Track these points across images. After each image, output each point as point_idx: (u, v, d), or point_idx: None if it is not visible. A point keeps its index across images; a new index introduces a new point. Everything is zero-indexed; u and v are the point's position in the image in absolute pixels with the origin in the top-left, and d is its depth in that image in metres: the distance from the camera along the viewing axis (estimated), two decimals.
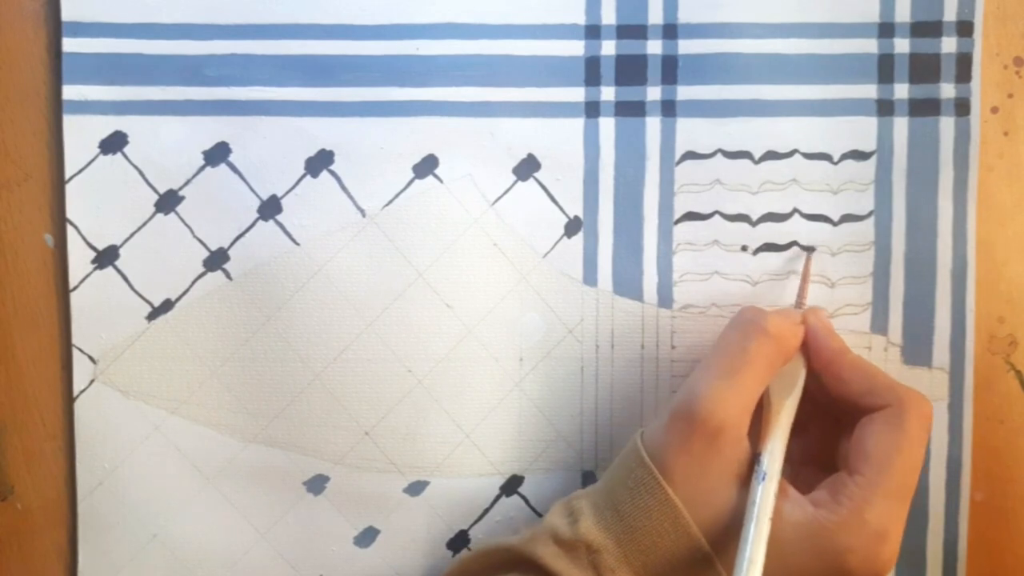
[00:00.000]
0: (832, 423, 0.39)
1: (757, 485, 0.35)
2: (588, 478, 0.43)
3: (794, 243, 0.42)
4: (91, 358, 0.42)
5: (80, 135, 0.41)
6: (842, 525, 0.34)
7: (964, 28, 0.42)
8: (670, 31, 0.42)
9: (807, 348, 0.38)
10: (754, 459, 0.36)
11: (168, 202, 0.42)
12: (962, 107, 0.42)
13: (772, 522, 0.34)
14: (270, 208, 0.42)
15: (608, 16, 0.41)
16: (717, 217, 0.42)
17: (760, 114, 0.42)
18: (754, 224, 0.42)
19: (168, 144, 0.41)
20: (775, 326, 0.37)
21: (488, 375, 0.42)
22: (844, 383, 0.37)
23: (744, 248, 0.42)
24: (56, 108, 0.41)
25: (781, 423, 0.37)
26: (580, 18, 0.42)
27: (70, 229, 0.41)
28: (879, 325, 0.43)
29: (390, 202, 0.42)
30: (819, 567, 0.34)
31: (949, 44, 0.42)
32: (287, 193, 0.42)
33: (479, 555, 0.38)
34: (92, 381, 0.42)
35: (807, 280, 0.41)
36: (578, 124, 0.42)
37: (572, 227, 0.42)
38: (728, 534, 0.35)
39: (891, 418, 0.36)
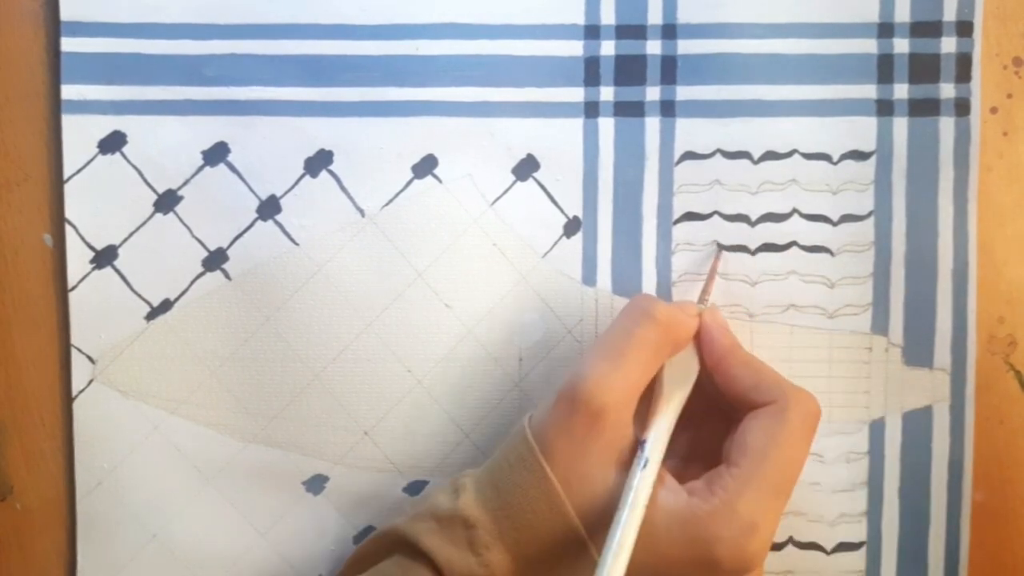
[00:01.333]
0: (723, 420, 0.39)
1: (637, 470, 0.35)
2: None
3: (794, 243, 0.42)
4: (90, 358, 0.42)
5: (79, 135, 0.41)
6: (713, 515, 0.34)
7: (964, 28, 0.42)
8: (669, 31, 0.41)
9: (700, 344, 0.38)
10: (637, 445, 0.36)
11: (167, 202, 0.42)
12: (962, 107, 0.42)
13: (646, 508, 0.34)
14: (269, 208, 0.42)
15: (607, 16, 0.41)
16: (716, 217, 0.42)
17: (760, 114, 0.42)
18: (753, 224, 0.42)
19: (167, 144, 0.41)
20: (663, 313, 0.37)
21: (488, 375, 0.42)
22: (733, 380, 0.38)
23: (743, 248, 0.42)
24: (55, 108, 0.41)
25: (668, 411, 0.37)
26: (580, 18, 0.42)
27: (69, 229, 0.41)
28: (880, 326, 0.42)
29: (389, 202, 0.42)
30: (688, 556, 0.34)
31: (949, 44, 0.42)
32: (286, 193, 0.42)
33: (371, 540, 0.38)
34: (91, 381, 0.42)
35: (713, 276, 0.41)
36: (577, 124, 0.42)
37: (571, 227, 0.42)
38: (604, 518, 0.35)
39: (774, 413, 0.36)
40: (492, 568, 0.35)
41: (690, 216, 0.42)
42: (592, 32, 0.41)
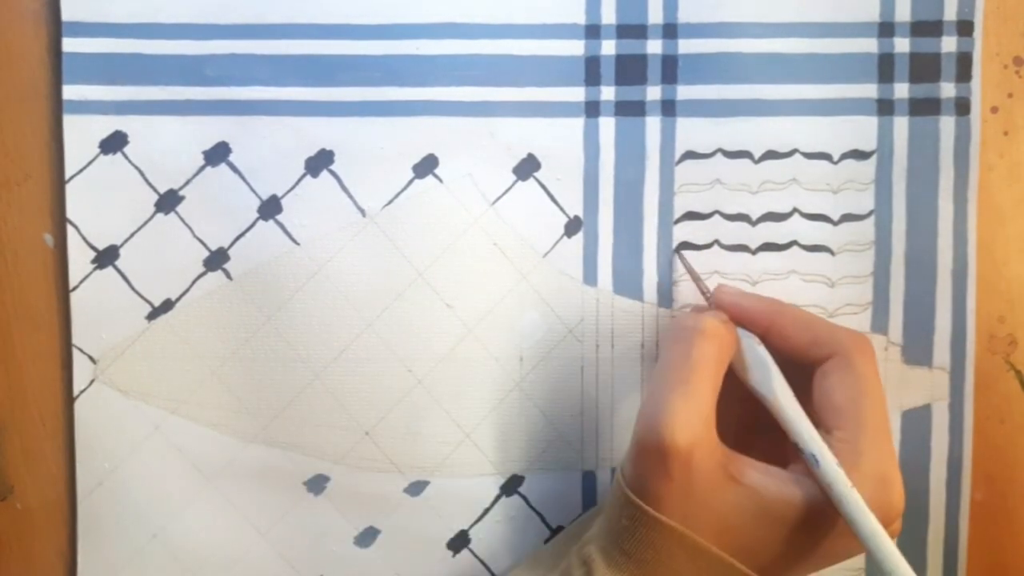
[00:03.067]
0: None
1: (816, 469, 0.34)
2: (588, 478, 0.43)
3: (794, 243, 0.42)
4: (91, 358, 0.42)
5: (80, 135, 0.41)
6: None
7: (964, 27, 0.42)
8: (670, 31, 0.42)
9: (739, 321, 0.38)
10: (795, 452, 0.35)
11: (168, 202, 0.42)
12: (962, 107, 0.42)
13: (776, 506, 0.34)
14: (270, 208, 0.42)
15: (608, 16, 0.41)
16: (717, 217, 0.42)
17: (760, 114, 0.42)
18: (754, 224, 0.42)
19: (168, 144, 0.41)
20: (711, 325, 0.36)
21: (488, 375, 0.42)
22: (788, 340, 0.37)
23: (744, 248, 0.42)
24: (56, 108, 0.41)
25: (788, 408, 0.36)
26: (580, 18, 0.42)
27: (70, 229, 0.41)
28: (879, 325, 0.43)
29: (390, 202, 0.42)
30: (832, 529, 0.34)
31: (949, 44, 0.42)
32: (287, 193, 0.42)
33: None
34: (92, 381, 0.42)
35: (697, 276, 0.41)
36: (578, 124, 0.42)
37: (572, 227, 0.42)
38: (740, 534, 0.35)
39: (844, 366, 0.36)
40: None
41: (691, 216, 0.42)
42: (593, 32, 0.42)
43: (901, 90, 0.42)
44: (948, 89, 0.42)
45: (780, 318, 0.38)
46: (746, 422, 0.38)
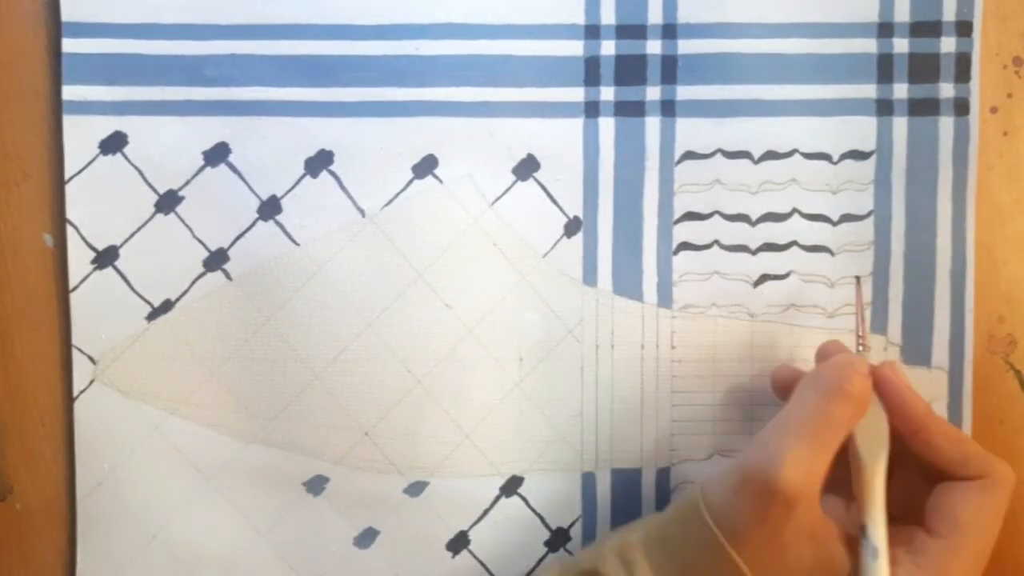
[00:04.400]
0: (902, 469, 0.37)
1: (869, 563, 0.34)
2: (588, 479, 0.43)
3: (794, 243, 0.42)
4: (91, 358, 0.42)
5: (80, 135, 0.41)
6: None
7: (963, 28, 0.42)
8: (670, 31, 0.42)
9: (890, 408, 0.37)
10: (859, 530, 0.35)
11: (168, 202, 0.42)
12: (961, 107, 0.42)
13: None
14: (270, 208, 0.42)
15: (608, 16, 0.41)
16: (717, 217, 0.42)
17: (760, 114, 0.42)
18: (754, 224, 0.42)
19: (168, 144, 0.41)
20: (859, 389, 0.35)
21: (488, 375, 0.42)
22: (935, 450, 0.36)
23: (744, 248, 0.42)
24: (56, 108, 0.41)
25: (877, 489, 0.35)
26: (580, 18, 0.42)
27: (70, 229, 0.41)
28: (878, 324, 0.43)
29: (390, 202, 0.42)
30: None
31: (948, 44, 0.42)
32: (287, 193, 0.42)
33: None
34: (92, 381, 0.42)
35: (863, 314, 0.40)
36: (578, 124, 0.42)
37: (572, 227, 0.42)
38: None
39: (984, 490, 0.36)
40: None
41: (690, 216, 0.42)
42: (592, 32, 0.42)
43: (900, 90, 0.42)
44: (947, 89, 0.42)
45: (934, 424, 0.37)
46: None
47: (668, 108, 0.42)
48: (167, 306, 0.42)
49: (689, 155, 0.42)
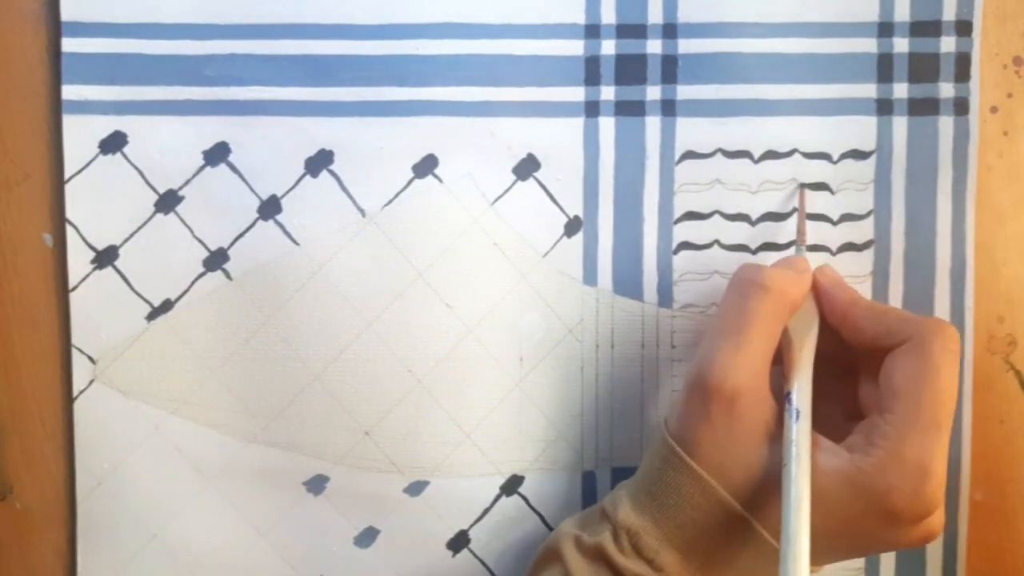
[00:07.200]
0: (845, 371, 0.38)
1: (792, 424, 0.34)
2: (588, 478, 0.43)
3: (793, 243, 0.42)
4: (91, 358, 0.42)
5: (80, 135, 0.41)
6: (880, 467, 0.34)
7: (963, 27, 0.42)
8: (670, 31, 0.42)
9: (822, 305, 0.38)
10: (784, 399, 0.35)
11: (168, 202, 0.42)
12: (961, 107, 0.42)
13: (812, 474, 0.34)
14: (270, 208, 0.42)
15: (608, 16, 0.41)
16: (717, 216, 0.42)
17: (760, 114, 0.42)
18: (754, 224, 0.42)
19: (168, 144, 0.41)
20: (772, 280, 0.36)
21: (488, 375, 0.42)
22: (861, 331, 0.37)
23: (744, 247, 0.42)
24: (56, 108, 0.41)
25: (803, 360, 0.36)
26: (580, 18, 0.42)
27: (69, 229, 0.41)
28: None
29: (390, 202, 0.42)
30: (865, 511, 0.34)
31: (948, 44, 0.42)
32: (287, 193, 0.42)
33: (539, 562, 0.38)
34: (92, 381, 0.42)
35: (803, 215, 0.41)
36: (578, 124, 0.42)
37: (572, 227, 0.42)
38: (767, 493, 0.35)
39: (914, 349, 0.35)
40: (666, 570, 0.35)
41: (691, 215, 0.42)
42: (592, 31, 0.42)
43: (900, 90, 0.42)
44: (947, 89, 0.42)
45: (857, 309, 0.37)
46: (851, 410, 0.38)
47: (668, 108, 0.42)
48: (167, 306, 0.42)
49: (689, 155, 0.42)
